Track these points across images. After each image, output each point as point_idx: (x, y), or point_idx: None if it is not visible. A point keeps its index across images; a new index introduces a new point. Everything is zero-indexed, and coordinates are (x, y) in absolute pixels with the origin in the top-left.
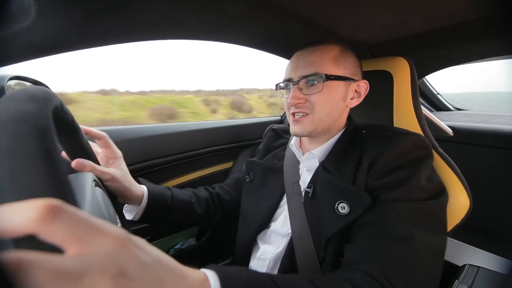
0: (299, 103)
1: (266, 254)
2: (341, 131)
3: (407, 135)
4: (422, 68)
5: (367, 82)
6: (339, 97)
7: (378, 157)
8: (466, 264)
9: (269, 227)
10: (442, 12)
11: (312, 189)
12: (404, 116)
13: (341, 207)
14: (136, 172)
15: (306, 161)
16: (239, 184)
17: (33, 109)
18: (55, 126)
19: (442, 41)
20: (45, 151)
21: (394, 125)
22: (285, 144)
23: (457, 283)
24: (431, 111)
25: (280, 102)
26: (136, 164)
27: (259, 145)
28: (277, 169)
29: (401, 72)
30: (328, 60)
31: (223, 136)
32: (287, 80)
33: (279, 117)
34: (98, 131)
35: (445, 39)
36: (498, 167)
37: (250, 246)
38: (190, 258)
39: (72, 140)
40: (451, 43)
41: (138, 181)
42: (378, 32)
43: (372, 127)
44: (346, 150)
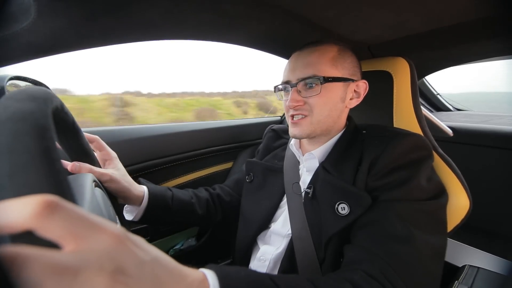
0: (297, 105)
1: (266, 255)
2: (341, 131)
3: (407, 136)
4: (422, 68)
5: (366, 82)
6: (338, 98)
7: (378, 158)
8: (466, 264)
9: (269, 227)
10: (442, 12)
11: (312, 189)
12: (404, 117)
13: (341, 207)
14: (136, 172)
15: (306, 161)
16: (239, 185)
17: (33, 108)
18: (56, 127)
19: (442, 42)
20: (44, 149)
21: (394, 126)
22: (285, 144)
23: (457, 284)
24: (431, 111)
25: None
26: (136, 164)
27: (259, 146)
28: (277, 170)
29: (401, 72)
30: (326, 61)
31: (223, 136)
32: (285, 83)
33: (279, 117)
34: (90, 134)
35: (445, 39)
36: (498, 168)
37: (250, 247)
38: (190, 259)
39: (73, 140)
40: (451, 44)
41: (138, 181)
42: (378, 32)
43: (372, 128)
44: (346, 151)
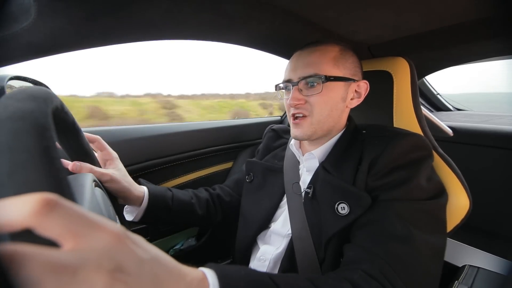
0: (298, 104)
1: (266, 255)
2: (341, 131)
3: (407, 136)
4: (422, 68)
5: (367, 82)
6: (339, 98)
7: (378, 158)
8: (466, 264)
9: (269, 227)
10: (442, 12)
11: (312, 189)
12: (404, 117)
13: (341, 207)
14: (136, 172)
15: (306, 161)
16: (239, 185)
17: (33, 107)
18: (56, 127)
19: (442, 42)
20: (44, 148)
21: (394, 125)
22: (285, 144)
23: (457, 284)
24: (431, 111)
25: None
26: (136, 164)
27: (259, 145)
28: (277, 170)
29: (401, 72)
30: (327, 61)
31: (223, 136)
32: (287, 81)
33: (279, 117)
34: (91, 134)
35: (445, 39)
36: (498, 168)
37: (250, 247)
38: (190, 259)
39: (73, 140)
40: (451, 44)
41: (138, 181)
42: (378, 32)
43: (372, 128)
44: (346, 151)
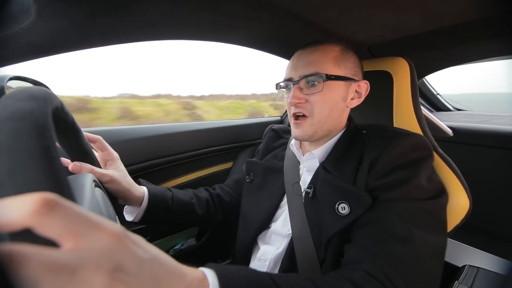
0: (299, 102)
1: (267, 255)
2: (342, 131)
3: (407, 136)
4: (422, 68)
5: (367, 82)
6: (339, 97)
7: (378, 158)
8: (466, 265)
9: (270, 227)
10: (442, 12)
11: (312, 189)
12: (404, 117)
13: (342, 207)
14: (136, 172)
15: (307, 161)
16: (239, 185)
17: (32, 107)
18: (56, 127)
19: (442, 42)
20: (44, 148)
21: (394, 126)
22: (285, 144)
23: (457, 284)
24: (431, 111)
25: None
26: (136, 164)
27: (259, 145)
28: (277, 170)
29: (401, 72)
30: (328, 60)
31: (223, 136)
32: (288, 80)
33: (279, 117)
34: (92, 134)
35: (445, 39)
36: (498, 168)
37: (250, 247)
38: (190, 259)
39: (73, 140)
40: (451, 44)
41: (138, 182)
42: (378, 32)
43: (373, 128)
44: (347, 151)
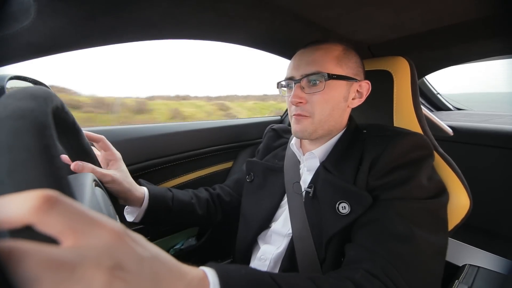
0: (300, 102)
1: (267, 254)
2: (342, 131)
3: (408, 135)
4: (422, 68)
5: (369, 82)
6: (341, 97)
7: (379, 157)
8: (466, 264)
9: (270, 227)
10: (442, 12)
11: (312, 189)
12: (404, 116)
13: (342, 207)
14: (136, 172)
15: (307, 161)
16: (239, 184)
17: (33, 106)
18: (56, 127)
19: (442, 41)
20: (44, 147)
21: (394, 125)
22: (285, 144)
23: (457, 283)
24: (431, 111)
25: None
26: (136, 164)
27: (259, 145)
28: (278, 169)
29: (401, 72)
30: (330, 59)
31: (223, 136)
32: (289, 79)
33: (279, 117)
34: (95, 134)
35: (445, 39)
36: (498, 167)
37: (251, 246)
38: (190, 258)
39: (73, 140)
40: (451, 43)
41: (138, 182)
42: (378, 32)
43: (373, 127)
44: (347, 150)
